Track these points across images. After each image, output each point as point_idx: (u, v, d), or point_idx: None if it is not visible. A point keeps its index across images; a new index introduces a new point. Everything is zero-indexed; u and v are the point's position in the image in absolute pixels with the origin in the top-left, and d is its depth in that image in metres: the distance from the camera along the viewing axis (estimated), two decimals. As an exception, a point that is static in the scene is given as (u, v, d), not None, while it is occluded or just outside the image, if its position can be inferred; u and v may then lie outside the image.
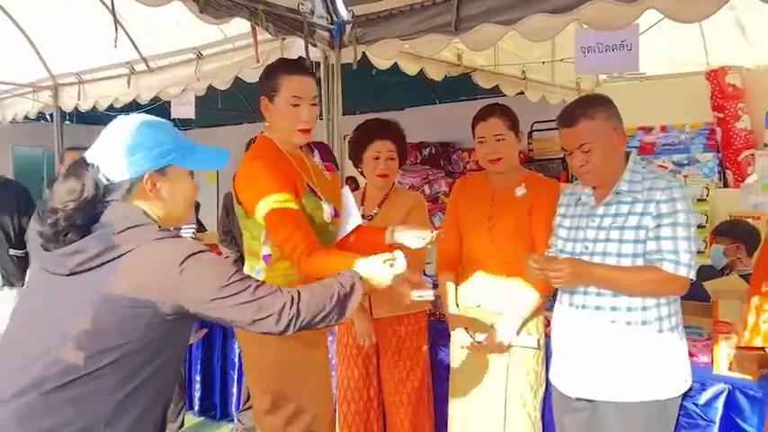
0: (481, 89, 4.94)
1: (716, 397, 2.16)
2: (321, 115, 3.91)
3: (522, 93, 5.18)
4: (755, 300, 1.95)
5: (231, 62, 4.12)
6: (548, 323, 2.71)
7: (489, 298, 2.55)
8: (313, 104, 2.18)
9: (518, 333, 2.47)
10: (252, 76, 4.10)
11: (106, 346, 1.39)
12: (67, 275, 1.45)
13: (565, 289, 2.20)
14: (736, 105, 4.89)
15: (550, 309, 2.42)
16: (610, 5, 2.61)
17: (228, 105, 7.18)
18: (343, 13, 3.60)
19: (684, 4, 2.49)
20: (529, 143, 6.58)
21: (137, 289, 1.41)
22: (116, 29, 2.98)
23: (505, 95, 5.21)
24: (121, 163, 1.50)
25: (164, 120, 1.62)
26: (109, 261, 1.43)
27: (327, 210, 2.18)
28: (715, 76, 4.87)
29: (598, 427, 2.13)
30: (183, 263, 1.43)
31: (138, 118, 1.57)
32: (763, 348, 1.92)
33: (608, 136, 2.10)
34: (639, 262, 2.05)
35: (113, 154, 1.51)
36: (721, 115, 4.92)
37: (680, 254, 2.00)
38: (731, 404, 2.15)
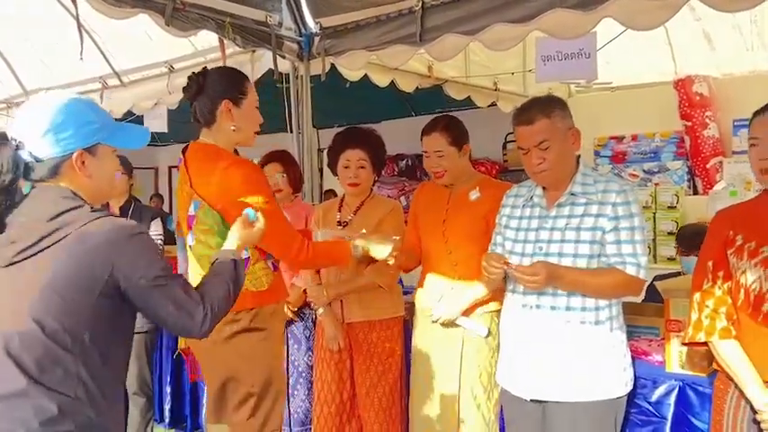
0: (456, 101, 4.99)
1: (668, 394, 2.19)
2: (291, 128, 3.95)
3: (495, 104, 5.24)
4: (697, 296, 1.98)
5: (202, 75, 4.13)
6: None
7: (444, 299, 2.56)
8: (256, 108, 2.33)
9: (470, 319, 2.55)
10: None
11: (55, 332, 1.38)
12: (6, 266, 1.43)
13: (516, 290, 2.21)
14: (703, 114, 4.97)
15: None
16: (567, 15, 2.67)
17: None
18: (311, 24, 3.65)
19: (639, 13, 2.56)
20: (503, 154, 6.64)
21: (82, 269, 1.40)
22: (81, 41, 2.98)
23: (478, 107, 5.28)
24: (49, 140, 1.47)
25: (90, 98, 1.62)
26: (48, 247, 1.41)
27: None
28: (683, 86, 4.95)
29: (550, 428, 2.14)
30: (127, 239, 1.44)
31: (64, 94, 1.55)
32: (706, 344, 1.95)
33: (564, 135, 2.13)
34: (595, 263, 2.09)
35: (39, 130, 1.47)
36: (689, 123, 5.00)
37: (639, 257, 2.06)
38: (682, 400, 2.18)
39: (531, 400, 2.16)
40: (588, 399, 2.07)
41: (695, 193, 5.12)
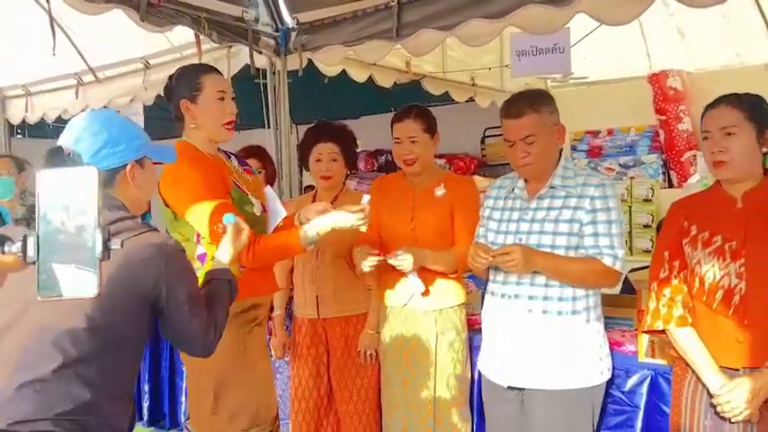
0: (434, 96, 5.00)
1: (640, 383, 2.24)
2: (268, 124, 3.94)
3: (473, 99, 5.27)
4: (654, 286, 2.04)
5: (178, 71, 4.11)
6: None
7: (416, 296, 2.58)
8: (233, 98, 2.26)
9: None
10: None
11: (98, 328, 1.46)
12: None
13: (496, 280, 2.25)
14: (677, 108, 5.03)
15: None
16: (541, 10, 2.69)
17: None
18: (288, 20, 3.64)
19: (612, 8, 2.59)
20: (482, 149, 6.66)
21: (133, 275, 1.50)
22: (54, 35, 2.96)
23: (457, 102, 5.31)
24: (106, 152, 1.58)
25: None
26: None
27: (256, 204, 2.24)
28: (657, 80, 5.00)
29: (527, 415, 2.19)
30: (174, 254, 1.57)
31: (110, 112, 1.68)
32: (664, 332, 2.02)
33: (550, 130, 2.18)
34: (572, 254, 2.13)
35: (96, 143, 1.57)
36: (664, 118, 5.05)
37: (616, 249, 2.10)
38: (654, 389, 2.23)
39: (509, 387, 2.21)
40: (564, 387, 2.12)
41: (670, 186, 5.18)
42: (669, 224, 2.08)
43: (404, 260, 2.45)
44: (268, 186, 2.49)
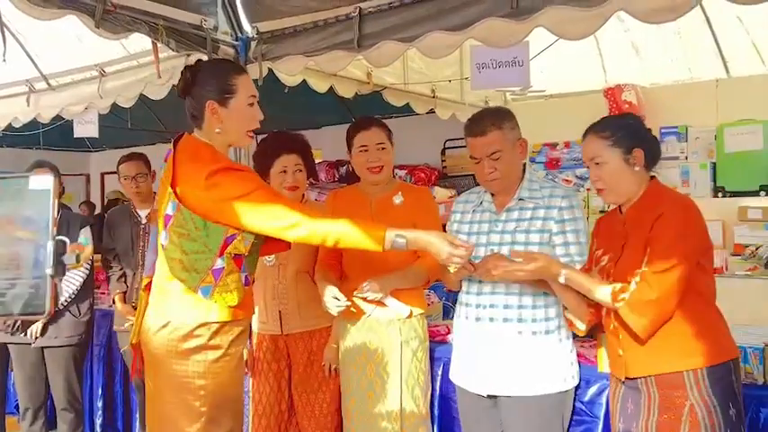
0: (395, 107, 5.02)
1: (599, 393, 2.28)
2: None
3: (433, 111, 5.30)
4: None
5: (135, 79, 4.04)
6: (447, 331, 2.78)
7: (379, 306, 2.57)
8: (259, 103, 2.15)
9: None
10: (157, 93, 4.04)
11: None
12: None
13: (469, 304, 2.31)
14: (632, 122, 5.15)
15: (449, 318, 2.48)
16: (501, 24, 2.72)
17: (140, 125, 7.01)
18: (248, 29, 3.60)
19: (569, 23, 2.63)
20: (442, 160, 6.72)
21: None
22: (4, 41, 2.86)
23: (417, 114, 5.33)
24: None
25: None
26: None
27: None
28: (612, 94, 5.11)
29: (504, 422, 2.26)
30: None
31: None
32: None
33: (513, 145, 2.27)
34: None
35: None
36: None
37: (585, 257, 2.20)
38: (613, 399, 2.25)
39: (488, 396, 2.27)
40: (538, 393, 2.20)
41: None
42: (591, 242, 2.21)
43: (370, 292, 2.46)
44: None
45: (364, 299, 2.52)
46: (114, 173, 3.94)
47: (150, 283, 2.17)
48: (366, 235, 1.99)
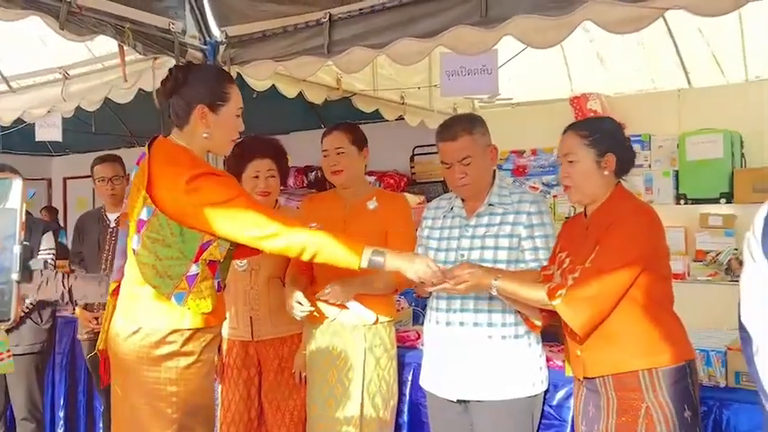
0: (365, 114, 5.03)
1: (567, 398, 2.30)
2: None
3: (403, 117, 5.32)
4: None
5: (100, 82, 3.97)
6: (417, 337, 2.78)
7: (345, 310, 2.57)
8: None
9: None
10: (123, 96, 3.98)
11: None
12: None
13: (440, 308, 2.32)
14: (597, 130, 5.24)
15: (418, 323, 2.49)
16: (470, 31, 2.76)
17: (104, 129, 6.89)
18: (217, 33, 3.57)
19: (537, 32, 2.67)
20: (411, 167, 6.75)
21: None
22: (-36, 43, 2.79)
23: (387, 120, 5.35)
24: None
25: None
26: None
27: None
28: (578, 103, 5.19)
29: (475, 426, 2.27)
30: None
31: None
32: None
33: (484, 151, 2.31)
34: (512, 268, 2.23)
35: None
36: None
37: None
38: (580, 403, 2.28)
39: (458, 401, 2.29)
40: (508, 397, 2.22)
41: (590, 204, 5.38)
42: (555, 243, 2.23)
43: (330, 294, 2.46)
44: None
45: (327, 302, 2.52)
46: (78, 177, 3.87)
47: (118, 287, 2.13)
48: (344, 251, 2.00)
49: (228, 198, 1.97)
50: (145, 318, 2.00)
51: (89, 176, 3.80)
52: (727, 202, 4.56)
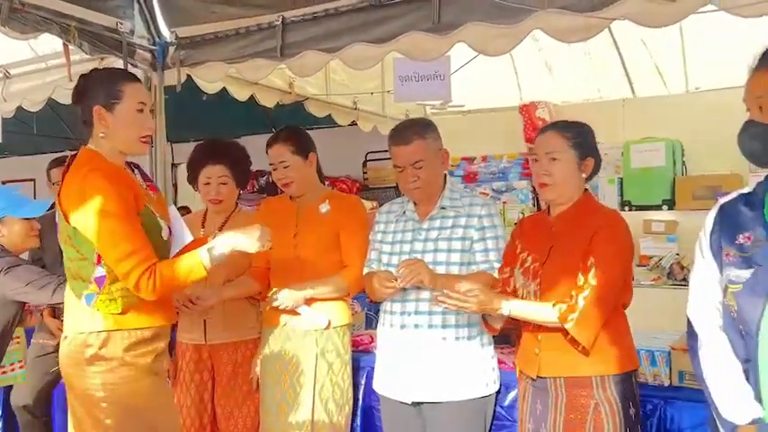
0: (317, 118, 5.01)
1: (517, 398, 2.32)
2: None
3: (356, 123, 5.33)
4: None
5: (43, 82, 3.86)
6: (371, 340, 2.78)
7: (296, 315, 2.55)
8: (151, 111, 2.15)
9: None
10: (67, 97, 3.84)
11: None
12: None
13: (393, 311, 2.34)
14: (545, 137, 5.35)
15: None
16: (424, 38, 2.79)
17: (45, 131, 6.66)
18: (166, 34, 3.52)
19: (488, 40, 2.72)
20: (364, 172, 6.75)
21: None
22: None
23: (339, 125, 5.34)
24: None
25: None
26: None
27: (164, 227, 2.10)
28: (527, 111, 5.28)
29: (429, 427, 2.29)
30: None
31: None
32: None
33: (436, 155, 2.34)
34: (465, 270, 2.27)
35: None
36: (532, 146, 5.35)
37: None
38: (532, 403, 2.32)
39: (413, 403, 2.30)
40: (462, 398, 2.25)
41: (539, 210, 5.48)
42: (509, 243, 2.27)
43: (278, 299, 2.46)
44: (172, 206, 2.38)
45: (276, 308, 2.51)
46: (17, 180, 3.73)
47: None
48: (190, 261, 1.99)
49: (109, 210, 1.94)
50: (69, 322, 2.05)
51: (31, 179, 3.67)
52: (669, 209, 4.71)
